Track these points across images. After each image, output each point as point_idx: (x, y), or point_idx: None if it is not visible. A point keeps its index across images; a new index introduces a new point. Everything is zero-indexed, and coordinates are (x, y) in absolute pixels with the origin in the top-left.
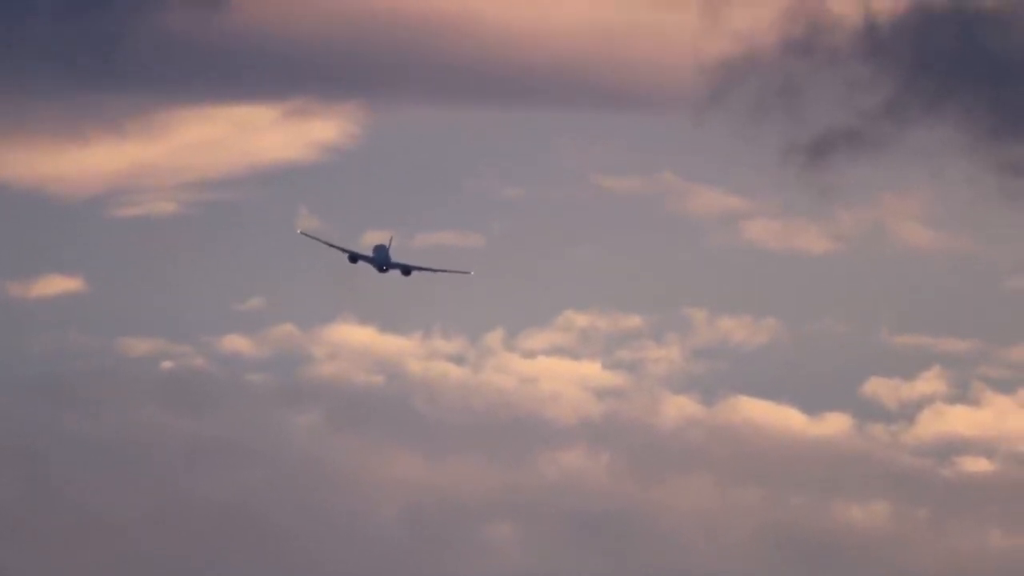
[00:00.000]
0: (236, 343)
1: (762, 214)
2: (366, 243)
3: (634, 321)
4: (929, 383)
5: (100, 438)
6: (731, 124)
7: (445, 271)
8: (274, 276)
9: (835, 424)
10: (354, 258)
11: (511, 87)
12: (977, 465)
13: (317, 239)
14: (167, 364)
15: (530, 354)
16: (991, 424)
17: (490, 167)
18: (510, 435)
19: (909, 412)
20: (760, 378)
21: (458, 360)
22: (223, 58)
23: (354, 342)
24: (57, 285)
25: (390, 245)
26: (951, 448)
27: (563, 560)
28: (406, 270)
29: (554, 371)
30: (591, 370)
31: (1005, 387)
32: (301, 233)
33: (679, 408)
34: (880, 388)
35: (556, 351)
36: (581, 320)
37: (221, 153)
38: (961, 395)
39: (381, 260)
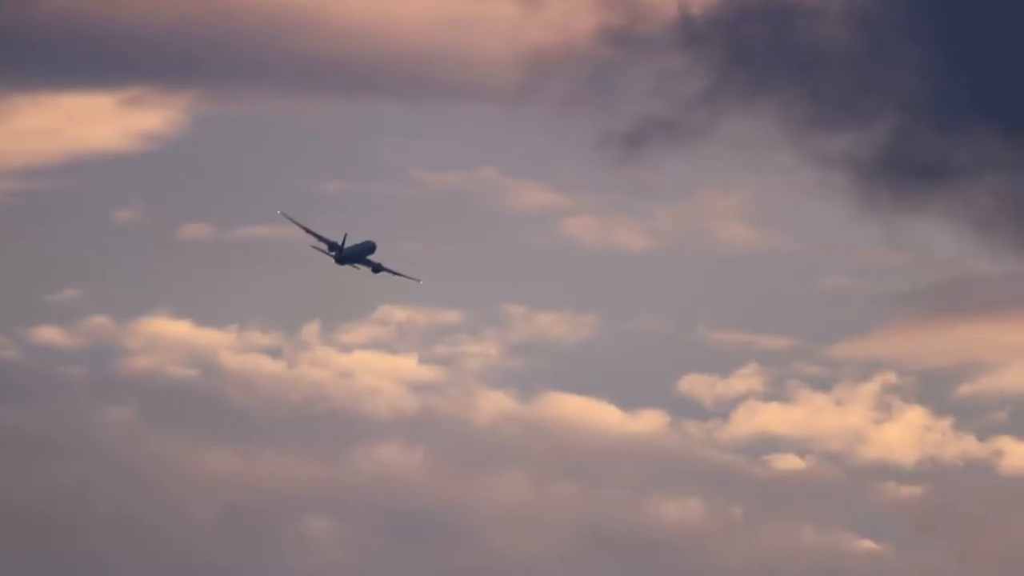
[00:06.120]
0: (49, 334)
1: (581, 210)
2: (187, 234)
3: (452, 316)
4: (745, 380)
5: None
6: (548, 115)
7: (400, 275)
8: (89, 267)
9: (651, 421)
10: (333, 246)
11: (333, 80)
12: (789, 463)
13: (297, 223)
14: None
15: (347, 348)
16: (805, 422)
17: (312, 160)
18: (326, 429)
19: (724, 409)
20: (577, 374)
21: (274, 354)
22: (63, 45)
23: (169, 335)
24: None
25: (344, 243)
26: (765, 446)
27: (378, 555)
28: (376, 268)
29: (371, 365)
30: (407, 365)
31: (820, 385)
32: (280, 213)
33: (495, 403)
34: (696, 385)
35: (373, 345)
36: (398, 314)
37: (49, 141)
38: (776, 393)
39: (356, 253)
